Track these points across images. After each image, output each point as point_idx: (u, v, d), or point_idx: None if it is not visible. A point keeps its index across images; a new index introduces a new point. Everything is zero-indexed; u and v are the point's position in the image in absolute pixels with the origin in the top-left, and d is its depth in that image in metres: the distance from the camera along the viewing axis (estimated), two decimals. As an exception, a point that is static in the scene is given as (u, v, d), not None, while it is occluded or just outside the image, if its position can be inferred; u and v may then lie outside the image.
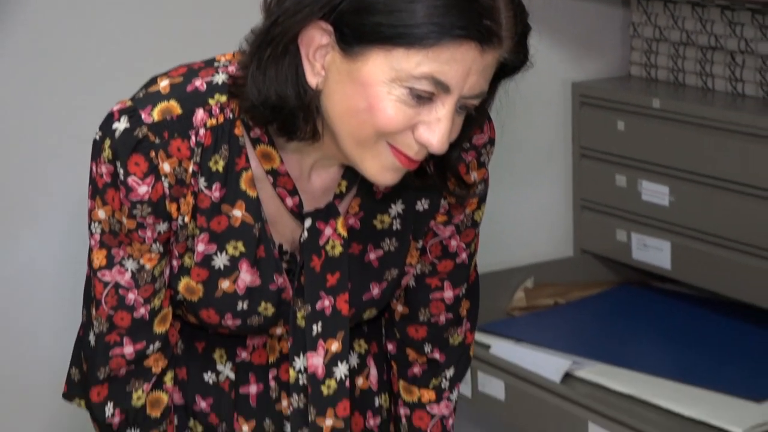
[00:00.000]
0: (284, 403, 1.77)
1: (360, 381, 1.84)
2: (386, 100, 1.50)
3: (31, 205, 2.81)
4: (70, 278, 2.56)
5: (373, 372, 1.85)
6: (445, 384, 1.86)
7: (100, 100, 1.91)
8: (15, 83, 2.73)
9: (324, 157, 1.64)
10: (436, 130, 1.51)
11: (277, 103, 1.55)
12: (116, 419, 1.72)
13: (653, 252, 2.89)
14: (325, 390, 1.72)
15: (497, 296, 2.99)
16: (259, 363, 1.77)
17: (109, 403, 1.71)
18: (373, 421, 1.85)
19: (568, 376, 2.61)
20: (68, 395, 1.84)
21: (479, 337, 2.76)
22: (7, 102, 2.73)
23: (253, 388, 1.78)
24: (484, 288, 1.96)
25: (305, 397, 1.72)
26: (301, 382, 1.72)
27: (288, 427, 1.77)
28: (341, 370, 1.72)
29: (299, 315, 1.70)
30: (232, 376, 1.77)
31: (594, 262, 3.15)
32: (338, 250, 1.68)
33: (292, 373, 1.72)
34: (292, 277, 1.70)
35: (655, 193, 2.87)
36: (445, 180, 1.66)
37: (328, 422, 1.73)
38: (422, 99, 1.50)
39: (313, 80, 1.54)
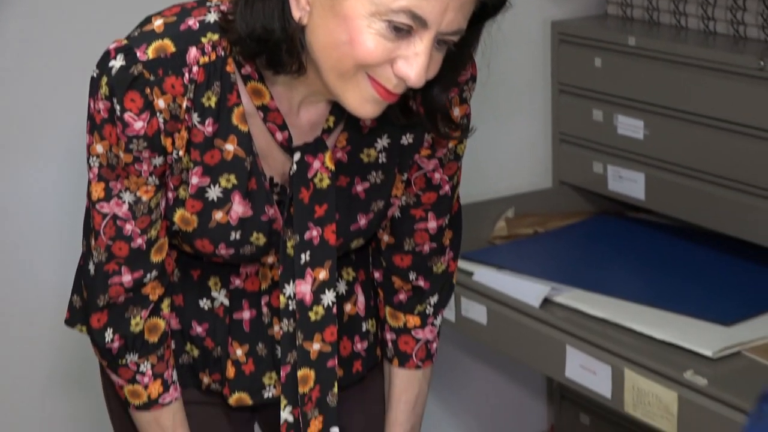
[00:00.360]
0: (276, 328, 1.77)
1: (348, 307, 1.84)
2: (366, 33, 1.50)
3: (32, 139, 2.80)
4: (71, 210, 2.55)
5: (361, 299, 1.85)
6: (429, 310, 1.86)
7: (99, 39, 1.89)
8: (16, 22, 2.70)
9: (311, 92, 1.64)
10: (414, 64, 1.51)
11: (263, 35, 1.55)
12: (115, 344, 1.72)
13: (628, 183, 2.88)
14: (312, 316, 1.72)
15: (480, 226, 2.98)
16: (251, 290, 1.77)
17: (108, 329, 1.72)
18: (360, 345, 1.85)
19: (546, 302, 2.62)
20: (70, 321, 1.85)
21: (462, 264, 2.76)
22: (9, 40, 2.70)
23: (246, 314, 1.78)
24: (467, 218, 1.96)
25: (294, 322, 1.73)
26: (290, 308, 1.72)
27: (279, 350, 1.77)
28: (328, 297, 1.72)
29: (288, 244, 1.70)
30: (226, 302, 1.78)
31: (572, 193, 3.14)
32: (326, 182, 1.68)
33: (282, 299, 1.72)
34: (282, 208, 1.70)
35: (630, 126, 2.86)
36: (435, 120, 1.66)
37: (316, 347, 1.74)
38: (401, 33, 1.49)
39: (297, 14, 1.54)
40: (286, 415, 1.76)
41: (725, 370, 2.24)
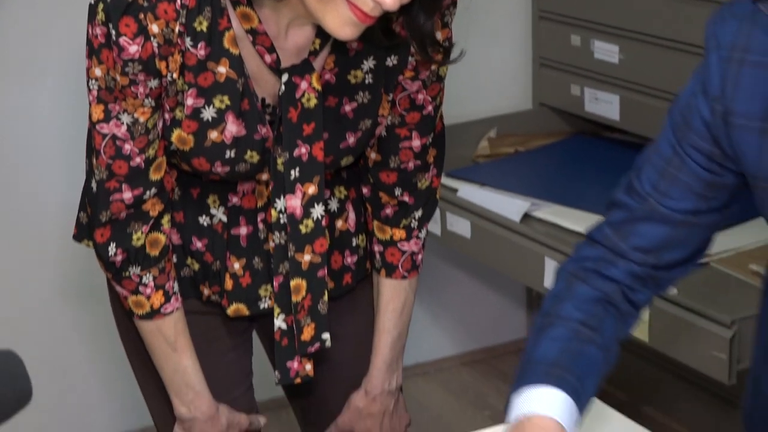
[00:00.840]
0: (271, 243, 1.75)
1: (339, 223, 1.82)
2: None
3: (36, 62, 2.77)
4: (74, 132, 2.53)
5: (352, 215, 1.84)
6: (414, 224, 1.84)
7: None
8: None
9: (296, 16, 1.61)
10: None
11: None
12: (119, 258, 1.71)
13: (604, 105, 2.87)
14: (303, 229, 1.71)
15: (464, 145, 2.97)
16: (248, 207, 1.76)
17: (111, 244, 1.71)
18: (350, 259, 1.84)
19: (527, 216, 2.61)
20: (78, 237, 1.85)
21: (447, 181, 2.76)
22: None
23: (243, 230, 1.77)
24: (452, 138, 1.94)
25: (286, 234, 1.72)
26: (281, 222, 1.71)
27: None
28: (318, 211, 1.71)
29: (279, 161, 1.68)
30: (224, 219, 1.76)
31: (551, 114, 3.14)
32: (313, 102, 1.66)
33: (273, 213, 1.71)
34: (274, 128, 1.68)
35: (606, 51, 2.84)
36: (420, 44, 1.63)
37: (306, 258, 1.73)
38: None
39: None
40: (279, 322, 1.75)
41: (694, 280, 2.23)
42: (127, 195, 1.67)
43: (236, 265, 1.77)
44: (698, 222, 1.37)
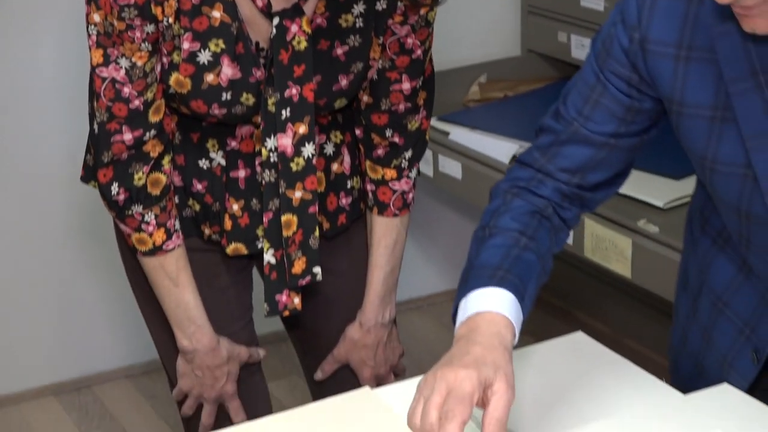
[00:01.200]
0: (262, 180, 1.74)
1: (335, 166, 1.82)
2: None
3: (38, 8, 2.74)
4: (76, 78, 2.51)
5: (347, 159, 1.82)
6: (404, 164, 1.83)
7: None
8: None
9: None
10: None
11: None
12: (121, 197, 1.70)
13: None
14: (294, 167, 1.70)
15: (455, 90, 2.95)
16: (246, 151, 1.75)
17: (114, 183, 1.70)
18: (345, 201, 1.84)
19: (515, 158, 2.59)
20: (85, 178, 1.85)
21: (439, 125, 2.74)
22: None
23: (241, 173, 1.76)
24: (444, 83, 1.92)
25: (276, 172, 1.71)
26: (272, 160, 1.70)
27: None
28: (308, 149, 1.70)
29: (270, 102, 1.67)
30: (223, 162, 1.75)
31: (538, 60, 3.11)
32: (303, 45, 1.64)
33: (264, 151, 1.70)
34: (267, 70, 1.66)
35: (592, -1, 2.83)
36: None
37: (297, 194, 1.72)
38: None
39: None
40: (268, 257, 1.75)
41: (674, 219, 2.23)
42: (128, 136, 1.66)
43: (235, 207, 1.76)
44: (619, 145, 1.40)
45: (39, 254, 2.96)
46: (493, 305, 1.28)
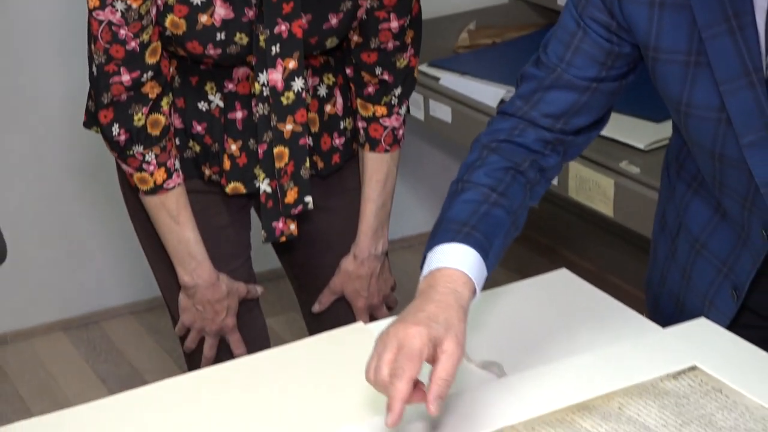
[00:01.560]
0: (256, 113, 1.73)
1: (328, 108, 1.80)
2: None
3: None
4: (75, 24, 2.49)
5: (339, 100, 1.81)
6: (394, 101, 1.81)
7: None
8: None
9: None
10: None
11: None
12: (122, 137, 1.69)
13: (575, -1, 2.81)
14: (284, 101, 1.69)
15: (445, 37, 2.93)
16: (243, 93, 1.73)
17: (114, 124, 1.68)
18: (338, 141, 1.82)
19: (503, 102, 2.57)
20: (87, 123, 1.83)
21: (430, 71, 2.72)
22: None
23: (239, 114, 1.74)
24: (434, 30, 1.90)
25: (268, 106, 1.70)
26: (264, 94, 1.69)
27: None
28: (298, 84, 1.69)
29: (261, 38, 1.65)
30: (221, 104, 1.74)
31: (525, 7, 3.09)
32: None
33: (256, 86, 1.69)
34: (258, 9, 1.64)
35: (578, -51, 2.78)
36: None
37: (288, 127, 1.71)
38: None
39: None
40: (264, 186, 1.75)
41: (655, 160, 2.22)
42: (126, 78, 1.64)
43: (233, 147, 1.74)
44: (600, 89, 1.38)
45: (45, 196, 2.95)
46: (454, 262, 1.25)
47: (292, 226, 1.77)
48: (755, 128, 1.27)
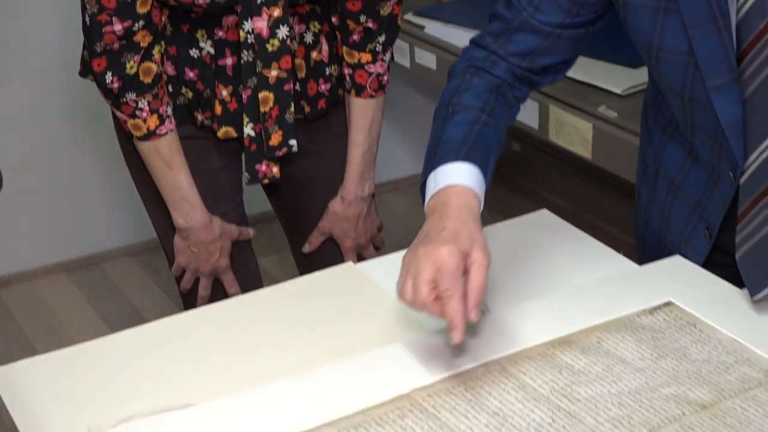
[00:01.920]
0: (241, 60, 1.70)
1: (314, 54, 1.78)
2: None
3: None
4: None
5: (325, 48, 1.78)
6: (378, 48, 1.79)
7: None
8: None
9: None
10: None
11: None
12: (115, 85, 1.66)
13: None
14: (269, 48, 1.67)
15: (430, -13, 2.88)
16: (233, 39, 1.71)
17: (108, 72, 1.66)
18: (324, 87, 1.80)
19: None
20: (83, 73, 1.81)
21: (416, 19, 2.69)
22: None
23: (228, 60, 1.72)
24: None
25: (253, 53, 1.68)
26: (249, 41, 1.67)
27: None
28: (283, 31, 1.67)
29: None
30: (212, 51, 1.71)
31: (508, -43, 3.02)
32: None
33: (241, 33, 1.67)
34: None
35: None
36: None
37: (273, 73, 1.69)
38: None
39: None
40: (248, 130, 1.73)
41: (631, 105, 2.21)
42: (117, 27, 1.62)
43: (224, 92, 1.72)
44: (564, 35, 1.38)
45: (46, 143, 2.93)
46: (461, 178, 1.27)
47: (275, 169, 1.76)
48: (721, 72, 1.27)
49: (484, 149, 1.31)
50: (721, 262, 1.39)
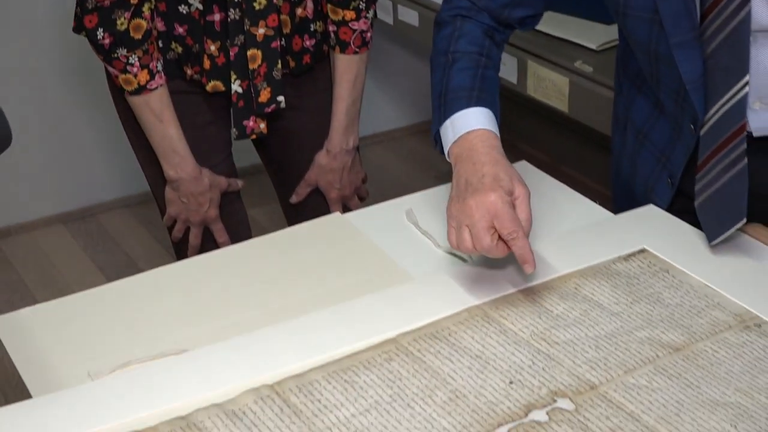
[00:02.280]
0: (228, 18, 1.67)
1: (299, 11, 1.75)
2: None
3: None
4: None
5: (310, 4, 1.76)
6: (362, 5, 1.76)
7: None
8: None
9: None
10: None
11: None
12: (106, 41, 1.64)
13: None
14: (256, 6, 1.65)
15: (412, -55, 2.84)
16: None
17: (99, 29, 1.63)
18: (309, 42, 1.77)
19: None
20: (76, 29, 1.77)
21: (398, -23, 2.64)
22: None
23: (216, 16, 1.69)
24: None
25: (240, 11, 1.65)
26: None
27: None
28: None
29: None
30: (200, 7, 1.68)
31: None
32: None
33: None
34: None
35: None
36: None
37: (261, 31, 1.67)
38: None
39: None
40: (236, 87, 1.71)
41: (606, 60, 2.19)
42: None
43: (212, 47, 1.70)
44: None
45: (42, 97, 2.89)
46: (480, 123, 1.27)
47: (262, 125, 1.74)
48: (683, 30, 1.26)
49: (491, 91, 1.32)
50: (683, 208, 1.39)
